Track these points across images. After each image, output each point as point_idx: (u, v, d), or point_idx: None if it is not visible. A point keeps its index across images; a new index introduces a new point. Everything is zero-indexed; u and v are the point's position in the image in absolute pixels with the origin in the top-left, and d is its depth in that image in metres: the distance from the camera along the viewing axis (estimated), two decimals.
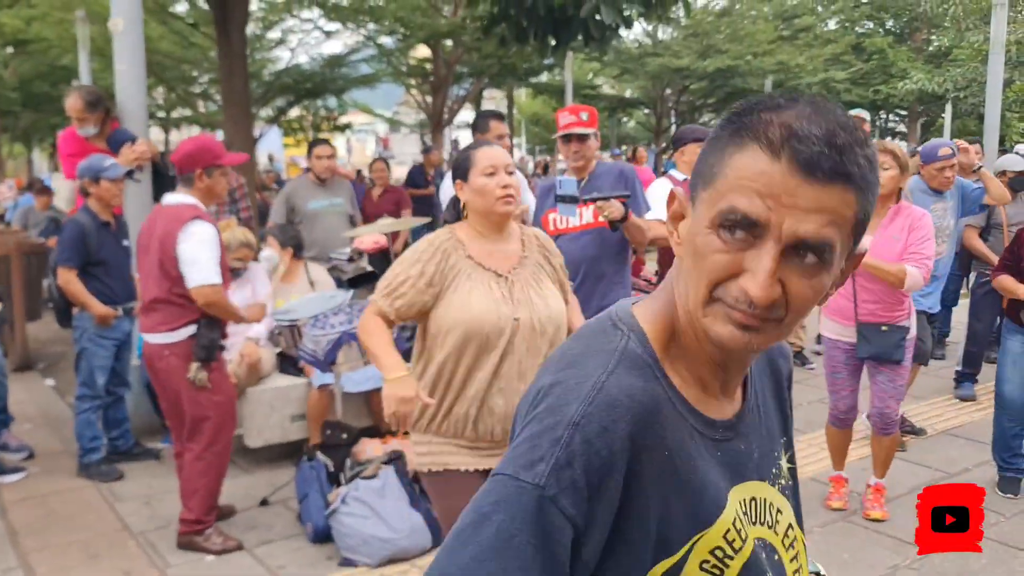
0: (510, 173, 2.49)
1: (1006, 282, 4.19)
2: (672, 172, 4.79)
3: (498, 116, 5.05)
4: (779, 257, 0.84)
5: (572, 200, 3.73)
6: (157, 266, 3.63)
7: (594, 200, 3.66)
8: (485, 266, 2.46)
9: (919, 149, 5.33)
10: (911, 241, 3.78)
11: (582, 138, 3.92)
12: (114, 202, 4.60)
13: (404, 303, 2.40)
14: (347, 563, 3.62)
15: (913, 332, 3.91)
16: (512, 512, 0.82)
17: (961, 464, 4.67)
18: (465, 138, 33.45)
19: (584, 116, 3.92)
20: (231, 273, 4.21)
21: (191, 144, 3.76)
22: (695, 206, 0.91)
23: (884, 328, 3.82)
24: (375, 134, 39.73)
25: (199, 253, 3.53)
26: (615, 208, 3.65)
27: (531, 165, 26.50)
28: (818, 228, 0.83)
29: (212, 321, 3.68)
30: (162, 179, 5.16)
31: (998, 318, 4.79)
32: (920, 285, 3.72)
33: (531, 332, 2.41)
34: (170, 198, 3.73)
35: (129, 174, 4.67)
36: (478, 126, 4.92)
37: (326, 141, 6.17)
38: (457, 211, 2.59)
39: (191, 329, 3.65)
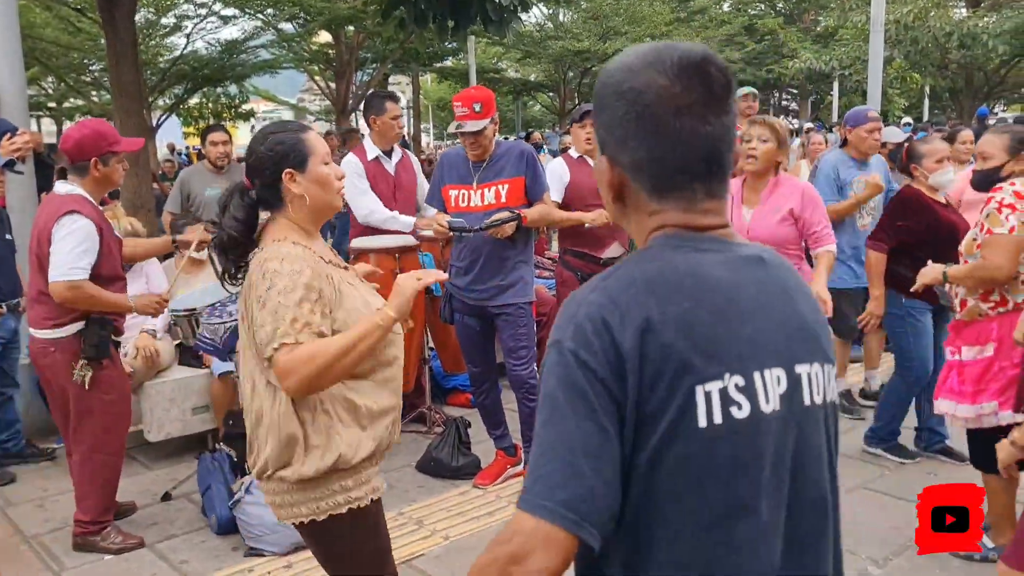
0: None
1: (930, 272, 3.56)
2: (570, 152, 4.87)
3: (393, 98, 5.04)
4: None
5: (465, 231, 3.91)
6: (36, 259, 3.49)
7: (485, 228, 3.83)
8: (338, 264, 2.21)
9: (842, 121, 5.29)
10: (813, 220, 3.74)
11: (477, 130, 3.93)
12: None
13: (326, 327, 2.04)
14: (253, 553, 3.58)
15: None
16: None
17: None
18: None
19: (477, 107, 3.88)
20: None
21: (82, 130, 3.54)
22: None
23: None
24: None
25: (60, 247, 3.34)
26: (506, 229, 3.85)
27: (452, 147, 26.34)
28: None
29: (103, 318, 3.55)
30: (47, 170, 4.97)
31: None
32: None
33: None
34: (59, 187, 3.54)
35: (9, 165, 4.47)
36: (374, 106, 4.85)
37: (221, 127, 6.02)
38: (251, 213, 2.16)
39: (79, 325, 3.50)
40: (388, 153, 4.85)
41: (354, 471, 2.12)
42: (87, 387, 3.50)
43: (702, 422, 1.05)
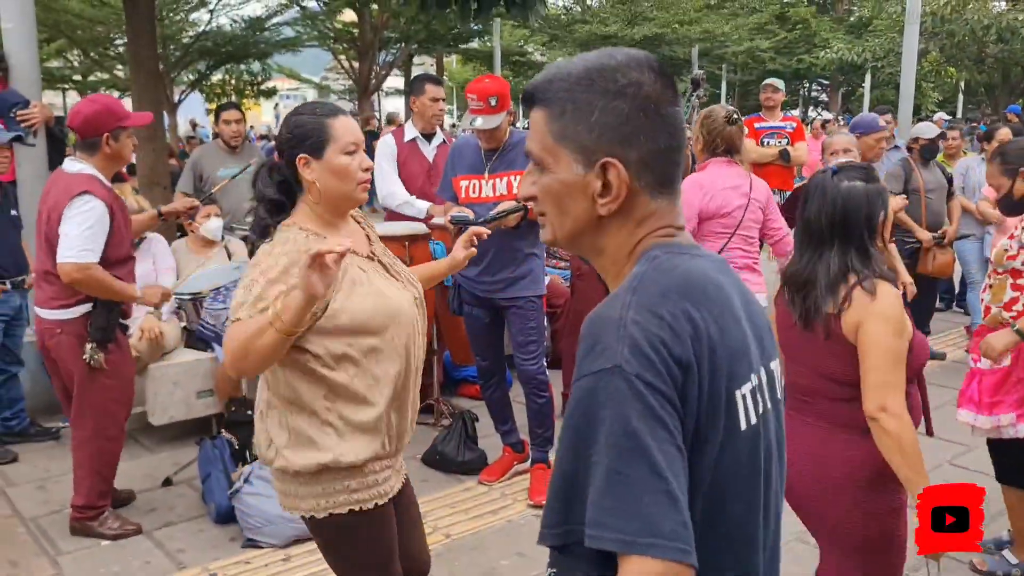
0: (365, 150, 2.10)
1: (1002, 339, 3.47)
2: None
3: (435, 80, 5.02)
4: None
5: (468, 223, 3.74)
6: (45, 238, 3.41)
7: (489, 221, 3.63)
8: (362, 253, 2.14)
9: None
10: None
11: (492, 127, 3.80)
12: None
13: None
14: (251, 544, 3.51)
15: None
16: None
17: None
18: (393, 104, 32.89)
19: (493, 102, 3.74)
20: None
21: (92, 106, 3.43)
22: None
23: None
24: (304, 100, 38.94)
25: (71, 228, 3.26)
26: (510, 221, 3.68)
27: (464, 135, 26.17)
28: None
29: (110, 301, 3.46)
30: (59, 145, 4.89)
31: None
32: None
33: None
34: (69, 166, 3.45)
35: (19, 138, 4.39)
36: (413, 88, 4.91)
37: (234, 105, 5.91)
38: (283, 189, 2.07)
39: (86, 307, 3.42)
40: (429, 137, 4.84)
41: (358, 472, 2.07)
42: (100, 370, 3.43)
43: (743, 425, 1.08)
